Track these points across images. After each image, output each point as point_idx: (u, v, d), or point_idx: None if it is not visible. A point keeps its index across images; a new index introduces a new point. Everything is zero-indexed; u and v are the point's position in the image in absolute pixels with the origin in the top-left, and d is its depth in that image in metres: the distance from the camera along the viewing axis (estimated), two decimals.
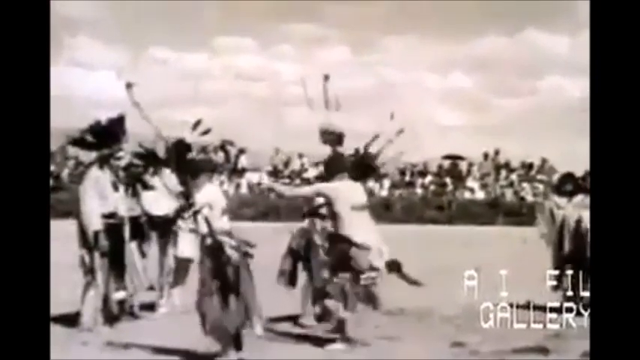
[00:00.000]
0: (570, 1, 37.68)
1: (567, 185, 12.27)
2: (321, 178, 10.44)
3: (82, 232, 9.75)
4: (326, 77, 10.61)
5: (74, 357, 8.61)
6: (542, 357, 8.90)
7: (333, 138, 10.06)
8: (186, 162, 9.26)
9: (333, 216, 9.30)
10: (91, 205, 9.71)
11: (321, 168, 11.00)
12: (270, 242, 9.75)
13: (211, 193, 8.72)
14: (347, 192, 9.30)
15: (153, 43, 45.94)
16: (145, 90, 10.83)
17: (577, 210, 11.75)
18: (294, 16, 43.58)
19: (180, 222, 10.82)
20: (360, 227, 9.20)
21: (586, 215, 11.36)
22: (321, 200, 9.81)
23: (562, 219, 11.91)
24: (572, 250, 11.66)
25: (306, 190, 10.36)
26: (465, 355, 8.98)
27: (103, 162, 9.99)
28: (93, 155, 10.04)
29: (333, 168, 9.58)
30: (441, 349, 9.26)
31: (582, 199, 11.69)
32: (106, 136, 9.97)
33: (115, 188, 10.06)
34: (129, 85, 9.19)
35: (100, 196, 9.81)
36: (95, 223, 9.68)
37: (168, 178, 10.96)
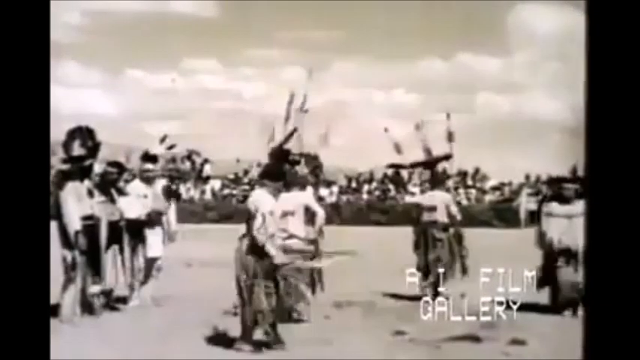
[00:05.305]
0: (500, 27, 38.19)
1: (566, 191, 11.11)
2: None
3: (63, 233, 9.81)
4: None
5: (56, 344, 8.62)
6: (474, 344, 9.01)
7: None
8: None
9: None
10: (71, 209, 9.79)
11: None
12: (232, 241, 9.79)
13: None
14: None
15: (128, 65, 45.87)
16: (123, 106, 10.98)
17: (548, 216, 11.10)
18: (255, 41, 43.83)
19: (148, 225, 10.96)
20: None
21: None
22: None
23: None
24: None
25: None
26: (405, 343, 9.12)
27: (81, 172, 10.09)
28: (73, 166, 10.10)
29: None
30: (384, 336, 9.41)
31: (568, 208, 10.91)
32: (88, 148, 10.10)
33: (90, 195, 10.15)
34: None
35: (79, 201, 9.90)
36: (75, 225, 9.77)
37: (136, 185, 11.11)
